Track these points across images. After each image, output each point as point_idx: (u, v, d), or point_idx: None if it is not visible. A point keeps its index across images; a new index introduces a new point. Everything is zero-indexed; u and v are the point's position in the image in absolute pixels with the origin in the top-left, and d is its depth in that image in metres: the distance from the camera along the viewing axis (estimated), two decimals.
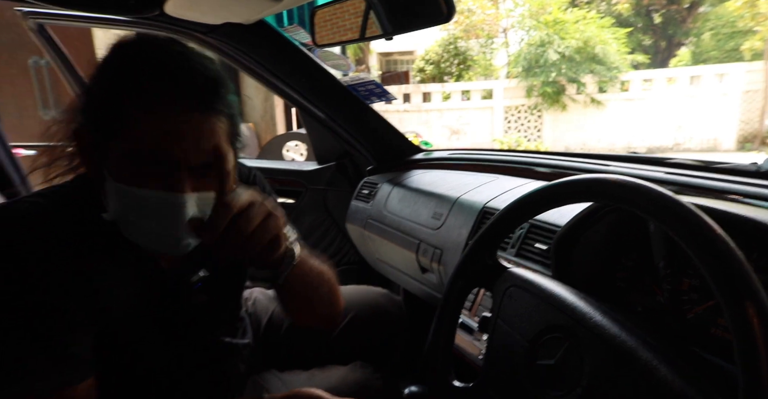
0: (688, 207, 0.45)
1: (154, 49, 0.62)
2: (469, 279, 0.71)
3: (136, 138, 0.59)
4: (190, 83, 0.60)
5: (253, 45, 1.36)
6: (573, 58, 9.98)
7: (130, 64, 0.61)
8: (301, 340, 1.02)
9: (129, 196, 0.61)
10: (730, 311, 0.40)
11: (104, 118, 0.61)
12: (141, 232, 0.64)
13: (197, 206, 0.62)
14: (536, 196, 0.62)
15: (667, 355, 0.48)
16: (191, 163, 0.61)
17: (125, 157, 0.60)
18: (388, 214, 1.39)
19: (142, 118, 0.59)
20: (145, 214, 0.62)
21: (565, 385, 0.54)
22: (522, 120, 10.34)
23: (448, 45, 12.31)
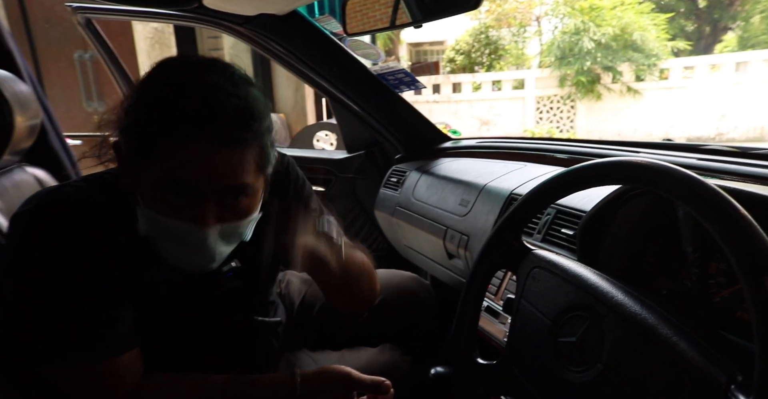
0: (710, 186, 0.46)
1: (189, 79, 0.61)
2: (494, 261, 0.73)
3: (164, 169, 0.61)
4: (220, 119, 0.60)
5: (287, 35, 1.39)
6: (609, 45, 9.65)
7: (164, 97, 0.61)
8: (331, 321, 1.06)
9: (157, 223, 0.64)
10: (748, 285, 0.41)
11: (137, 146, 0.63)
12: (169, 252, 0.68)
13: (221, 236, 0.66)
14: (560, 180, 0.63)
15: (687, 333, 0.49)
16: (217, 195, 0.63)
17: (155, 187, 0.63)
18: (415, 202, 1.42)
19: (171, 151, 0.60)
20: (171, 240, 0.66)
21: (586, 361, 0.55)
22: (554, 110, 10.10)
23: (479, 34, 12.11)
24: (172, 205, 0.63)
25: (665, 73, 9.63)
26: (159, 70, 0.65)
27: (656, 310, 0.52)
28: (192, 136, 0.59)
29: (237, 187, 0.64)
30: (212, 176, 0.61)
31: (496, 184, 1.16)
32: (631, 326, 0.52)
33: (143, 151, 0.62)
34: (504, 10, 11.92)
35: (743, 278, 0.42)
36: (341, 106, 1.66)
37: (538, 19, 12.39)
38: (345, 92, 1.54)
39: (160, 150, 0.60)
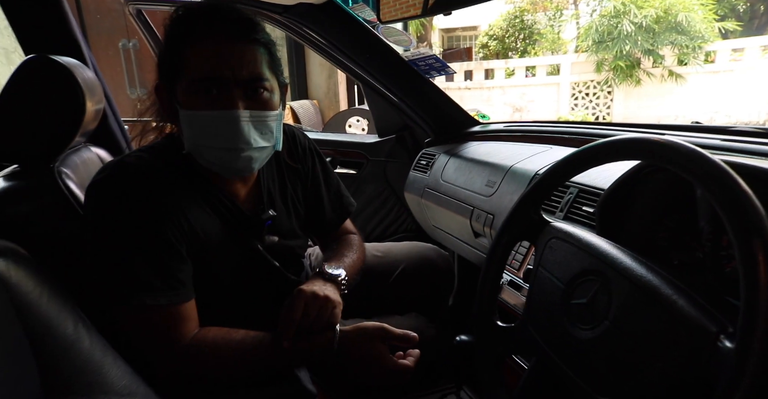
0: (709, 157, 0.50)
1: (204, 5, 0.79)
2: (514, 233, 0.78)
3: (194, 68, 0.75)
4: (231, 20, 0.76)
5: (323, 23, 1.46)
6: (651, 28, 9.26)
7: (185, 17, 0.78)
8: (357, 289, 1.15)
9: (196, 120, 0.77)
10: (739, 246, 0.45)
11: (170, 63, 0.79)
12: (211, 154, 0.80)
13: (252, 123, 0.79)
14: (574, 157, 0.68)
15: (686, 292, 0.54)
16: (240, 86, 0.77)
17: (189, 88, 0.77)
18: (444, 183, 1.47)
19: (197, 52, 0.75)
20: (211, 133, 0.78)
21: (594, 319, 0.61)
22: (590, 96, 9.83)
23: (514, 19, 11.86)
24: (206, 100, 0.76)
25: (711, 56, 9.19)
26: (177, 9, 0.81)
27: (659, 272, 0.57)
28: (208, 33, 0.75)
29: (255, 78, 0.78)
30: (233, 67, 0.75)
31: (522, 165, 1.20)
32: (635, 287, 0.57)
33: (175, 63, 0.78)
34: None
35: (735, 239, 0.46)
36: (373, 92, 1.72)
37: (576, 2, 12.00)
38: (377, 78, 1.60)
39: (187, 54, 0.76)
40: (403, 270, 1.13)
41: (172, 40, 0.79)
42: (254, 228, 0.89)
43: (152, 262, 0.74)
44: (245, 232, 0.88)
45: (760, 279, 0.44)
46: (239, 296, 0.89)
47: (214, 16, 0.77)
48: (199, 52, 0.75)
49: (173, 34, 0.79)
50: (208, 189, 0.84)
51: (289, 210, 0.99)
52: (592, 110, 9.81)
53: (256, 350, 0.77)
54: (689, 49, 9.06)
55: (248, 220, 0.88)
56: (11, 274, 0.53)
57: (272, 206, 0.93)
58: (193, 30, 0.77)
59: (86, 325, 0.62)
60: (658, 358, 0.52)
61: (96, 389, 0.58)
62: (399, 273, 1.13)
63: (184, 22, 0.79)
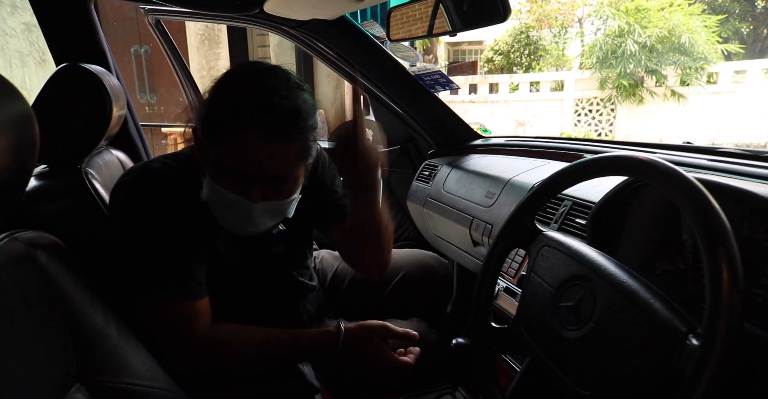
0: (684, 175, 0.56)
1: (252, 81, 0.75)
2: (509, 240, 0.84)
3: (226, 154, 0.75)
4: (272, 117, 0.73)
5: (335, 38, 1.53)
6: (655, 48, 9.40)
7: (229, 95, 0.75)
8: (360, 293, 1.20)
9: (216, 192, 0.80)
10: (706, 254, 0.51)
11: (207, 133, 0.78)
12: (221, 218, 0.83)
13: (266, 212, 0.81)
14: (567, 171, 0.74)
15: (662, 296, 0.59)
16: (265, 181, 0.77)
17: (217, 167, 0.78)
18: (445, 194, 1.53)
19: (229, 141, 0.74)
20: (225, 208, 0.81)
21: (580, 320, 0.66)
22: (593, 113, 9.93)
23: (520, 34, 12.02)
24: (230, 181, 0.78)
25: (714, 77, 9.31)
26: (232, 72, 0.80)
27: (640, 279, 0.63)
28: (247, 129, 0.73)
29: (282, 177, 0.79)
30: (262, 166, 0.76)
31: (520, 178, 1.26)
32: (617, 291, 0.63)
33: (210, 138, 0.77)
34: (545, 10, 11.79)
35: (702, 247, 0.52)
36: (380, 104, 1.79)
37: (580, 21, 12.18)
38: (384, 91, 1.67)
39: (222, 139, 0.75)
40: (403, 276, 1.18)
41: (213, 113, 0.77)
42: (263, 241, 0.93)
43: (170, 261, 0.79)
44: (254, 243, 0.92)
45: (723, 283, 0.49)
46: (250, 295, 0.94)
47: (257, 108, 0.73)
48: (235, 143, 0.74)
49: (214, 107, 0.77)
50: None
51: (297, 217, 0.99)
52: (595, 127, 9.90)
53: (265, 345, 0.82)
54: (692, 70, 9.18)
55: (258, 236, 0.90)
56: (52, 264, 0.59)
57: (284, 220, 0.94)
58: (233, 116, 0.73)
59: (114, 315, 0.67)
60: (635, 355, 0.58)
61: (123, 372, 0.63)
62: (399, 279, 1.18)
63: (228, 100, 0.75)
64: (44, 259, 0.58)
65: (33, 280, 0.54)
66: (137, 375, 0.65)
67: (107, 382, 0.61)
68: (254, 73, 0.77)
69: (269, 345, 0.83)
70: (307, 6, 1.32)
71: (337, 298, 1.22)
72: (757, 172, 0.88)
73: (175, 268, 0.80)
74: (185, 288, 0.80)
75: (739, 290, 0.49)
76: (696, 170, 0.96)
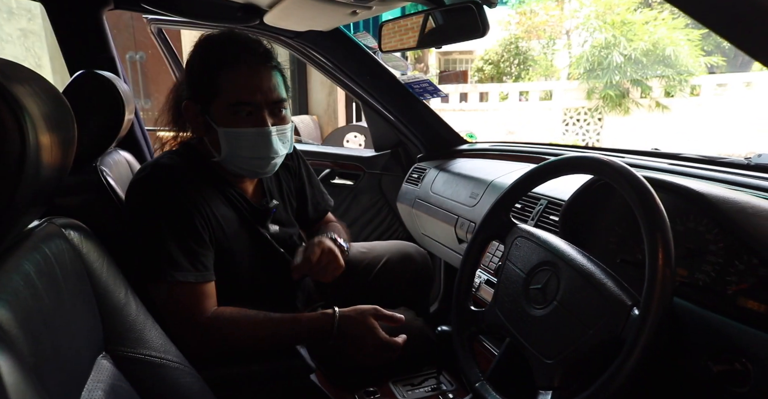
0: (632, 172, 0.66)
1: (230, 36, 0.94)
2: (488, 233, 0.94)
3: (230, 93, 0.91)
4: (256, 51, 0.92)
5: (329, 48, 1.63)
6: (640, 60, 9.66)
7: (215, 47, 0.93)
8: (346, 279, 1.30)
9: (235, 136, 0.93)
10: (646, 238, 0.61)
11: (206, 86, 0.92)
12: (245, 162, 0.96)
13: (277, 136, 0.96)
14: (538, 170, 0.84)
15: (614, 277, 0.69)
16: (269, 107, 0.93)
17: (226, 109, 0.92)
18: (433, 195, 1.63)
19: (231, 79, 0.91)
20: (247, 146, 0.94)
21: (546, 300, 0.76)
22: (581, 122, 10.15)
23: (509, 45, 12.26)
24: (242, 119, 0.93)
25: (697, 89, 9.58)
26: (206, 38, 0.96)
27: (597, 263, 0.72)
28: (240, 64, 0.90)
29: (279, 100, 0.95)
30: (263, 92, 0.92)
31: (501, 180, 1.36)
32: (577, 273, 0.72)
33: (211, 90, 0.92)
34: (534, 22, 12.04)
35: (644, 232, 0.62)
36: (372, 110, 1.89)
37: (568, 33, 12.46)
38: (376, 98, 1.77)
39: (222, 83, 0.91)
40: (385, 263, 1.30)
41: (205, 68, 0.93)
42: (262, 216, 1.05)
43: (183, 246, 0.88)
44: (255, 219, 1.04)
45: (659, 263, 0.59)
46: (251, 280, 1.02)
47: (241, 46, 0.92)
48: (233, 79, 0.91)
49: (205, 62, 0.93)
50: (225, 186, 1.01)
51: (285, 202, 1.16)
52: (582, 136, 10.11)
53: (267, 325, 0.91)
54: (676, 82, 9.44)
55: (257, 210, 1.04)
56: (83, 244, 0.67)
57: (273, 199, 1.11)
58: (224, 59, 0.91)
59: (133, 294, 0.75)
60: (590, 327, 0.67)
61: (140, 345, 0.71)
62: (381, 265, 1.29)
63: (215, 51, 0.93)
64: (76, 240, 0.66)
65: (68, 256, 0.62)
66: (153, 348, 0.73)
67: (128, 352, 0.69)
68: (224, 33, 0.96)
69: (270, 325, 0.91)
70: (304, 18, 1.41)
71: (326, 286, 1.31)
72: (712, 175, 0.99)
73: (187, 252, 0.88)
74: (196, 270, 0.89)
75: (671, 267, 0.59)
76: (659, 173, 1.07)
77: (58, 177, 0.59)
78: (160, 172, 0.93)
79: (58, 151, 0.54)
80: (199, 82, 0.94)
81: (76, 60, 1.26)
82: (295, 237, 1.18)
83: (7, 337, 0.42)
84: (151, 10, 1.38)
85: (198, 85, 0.95)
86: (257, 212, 1.04)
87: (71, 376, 0.56)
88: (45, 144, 0.48)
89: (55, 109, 0.55)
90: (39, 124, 0.46)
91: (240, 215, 1.01)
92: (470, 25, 1.03)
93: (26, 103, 0.45)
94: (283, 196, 1.16)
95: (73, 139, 0.60)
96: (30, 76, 0.53)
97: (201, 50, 0.95)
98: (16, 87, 0.46)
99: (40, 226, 0.62)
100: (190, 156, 1.00)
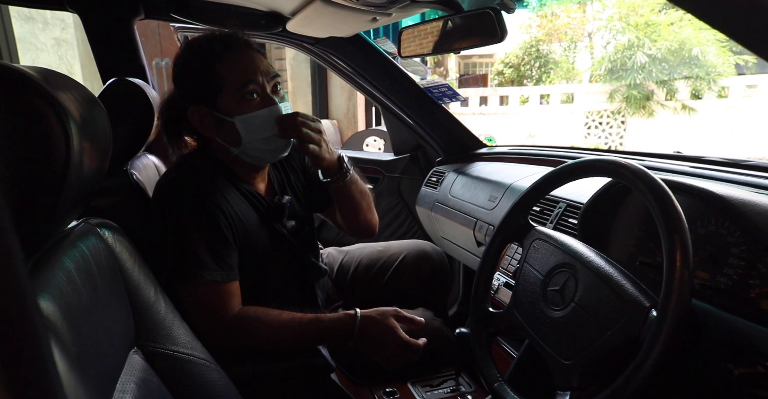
0: (649, 174, 0.66)
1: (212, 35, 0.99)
2: (505, 235, 0.94)
3: (233, 78, 0.95)
4: (240, 39, 0.98)
5: (350, 53, 1.66)
6: (666, 59, 9.46)
7: (205, 46, 0.97)
8: (365, 277, 1.32)
9: (250, 120, 0.97)
10: (664, 239, 0.61)
11: (207, 84, 0.96)
12: (262, 144, 0.99)
13: (283, 110, 0.99)
14: (555, 173, 0.84)
15: (632, 278, 0.69)
16: (270, 84, 0.98)
17: (235, 96, 0.95)
18: (452, 198, 1.64)
19: (229, 65, 0.95)
20: (264, 127, 0.98)
21: (564, 302, 0.76)
22: (603, 125, 9.99)
23: (530, 48, 12.17)
24: (252, 103, 0.96)
25: (725, 91, 9.33)
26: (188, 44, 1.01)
27: (614, 264, 0.72)
28: (231, 49, 0.96)
29: (275, 76, 1.00)
30: (261, 70, 0.97)
31: (520, 183, 1.37)
32: (595, 275, 0.72)
33: (214, 83, 0.95)
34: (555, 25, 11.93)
35: (662, 234, 0.62)
36: (391, 115, 1.91)
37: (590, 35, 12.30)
38: (395, 102, 1.79)
39: (220, 71, 0.95)
40: (401, 261, 1.32)
41: (201, 67, 0.96)
42: (279, 212, 1.08)
43: (209, 247, 0.91)
44: (272, 216, 1.07)
45: (676, 264, 0.59)
46: (273, 277, 1.05)
47: (226, 39, 0.97)
48: (232, 65, 0.95)
49: (200, 62, 0.97)
50: (242, 186, 1.04)
51: (296, 195, 1.19)
52: (605, 139, 9.94)
53: (290, 324, 0.93)
54: (705, 82, 9.20)
55: (273, 207, 1.07)
56: (116, 244, 0.71)
57: (284, 194, 1.14)
58: (217, 52, 0.96)
59: (161, 292, 0.78)
60: (608, 328, 0.67)
61: (169, 341, 0.74)
62: (398, 263, 1.31)
63: (204, 50, 0.97)
64: (110, 240, 0.70)
65: (103, 253, 0.66)
66: (181, 344, 0.76)
67: (158, 348, 0.72)
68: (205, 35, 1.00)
69: (293, 324, 0.93)
70: (325, 25, 1.45)
71: (344, 286, 1.34)
72: (737, 179, 0.97)
73: (213, 253, 0.91)
74: (222, 270, 0.92)
75: (689, 269, 0.59)
76: (680, 176, 1.06)
77: (97, 180, 0.62)
78: (184, 175, 0.96)
79: (97, 156, 0.58)
80: (198, 83, 0.98)
81: (109, 67, 1.32)
82: (310, 234, 1.20)
83: (54, 328, 0.46)
84: (179, 19, 1.43)
85: (198, 86, 0.98)
86: (273, 209, 1.07)
87: (107, 369, 0.59)
88: (87, 149, 0.51)
89: (93, 116, 0.59)
90: (82, 130, 0.50)
91: (258, 213, 1.04)
92: (489, 31, 1.04)
93: (70, 110, 0.48)
94: (293, 188, 1.18)
95: (109, 144, 0.64)
96: (70, 84, 0.56)
97: (189, 55, 0.99)
98: (60, 94, 0.49)
99: (78, 226, 0.66)
100: (202, 161, 1.04)
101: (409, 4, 1.05)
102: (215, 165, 1.03)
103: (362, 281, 1.35)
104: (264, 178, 1.11)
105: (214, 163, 1.03)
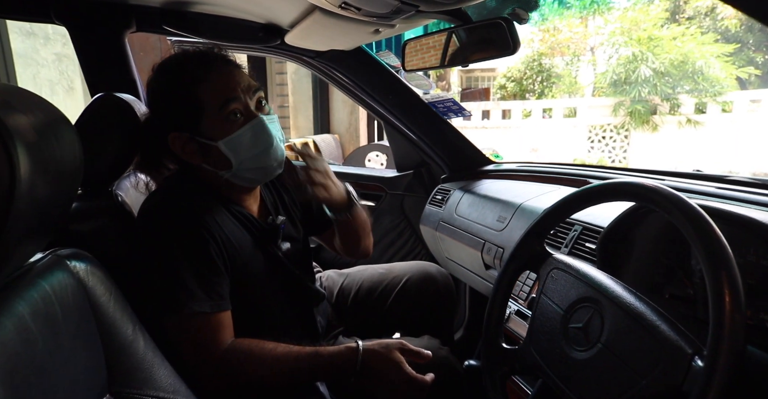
0: (687, 201, 0.58)
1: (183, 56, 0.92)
2: (520, 263, 0.86)
3: (214, 98, 0.88)
4: (216, 56, 0.92)
5: (351, 67, 1.60)
6: (670, 72, 9.45)
7: (180, 69, 0.90)
8: (366, 301, 1.24)
9: (237, 140, 0.90)
10: (709, 278, 0.53)
11: (187, 109, 0.89)
12: (252, 162, 0.92)
13: (270, 123, 0.93)
14: (575, 196, 0.77)
15: (668, 319, 0.61)
16: (251, 97, 0.92)
17: (217, 118, 0.88)
18: (458, 217, 1.56)
19: (209, 86, 0.88)
20: (251, 144, 0.91)
21: (589, 342, 0.68)
22: (607, 140, 9.94)
23: (532, 62, 12.21)
24: (236, 123, 0.90)
25: (729, 105, 9.29)
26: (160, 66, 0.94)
27: (646, 301, 0.64)
28: (209, 70, 0.89)
29: (257, 89, 0.94)
30: (241, 85, 0.91)
31: (531, 203, 1.29)
32: (625, 313, 0.64)
33: (194, 106, 0.89)
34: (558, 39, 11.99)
35: (706, 272, 0.54)
36: (394, 130, 1.84)
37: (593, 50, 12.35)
38: (399, 117, 1.73)
39: (200, 92, 0.88)
40: (405, 283, 1.25)
41: (179, 91, 0.90)
42: (272, 234, 1.01)
43: (197, 275, 0.83)
44: (266, 238, 0.99)
45: (725, 306, 0.51)
46: (268, 304, 0.97)
47: (201, 58, 0.91)
48: (211, 86, 0.89)
49: (176, 86, 0.90)
50: (233, 208, 0.96)
51: (291, 217, 1.12)
52: (609, 154, 9.88)
53: (286, 358, 0.85)
54: (710, 95, 9.17)
55: (266, 229, 1.00)
56: (89, 278, 0.63)
57: (278, 215, 1.07)
58: (193, 74, 0.89)
59: (141, 329, 0.71)
60: (643, 376, 0.59)
61: (148, 385, 0.66)
62: (401, 286, 1.23)
63: (180, 73, 0.90)
64: (82, 274, 0.63)
65: (71, 292, 0.58)
66: (162, 388, 0.68)
67: (134, 393, 0.64)
68: (177, 56, 0.94)
69: (289, 358, 0.85)
70: (326, 38, 1.39)
71: (345, 311, 1.25)
72: (765, 201, 0.90)
73: (201, 282, 0.84)
74: (212, 300, 0.84)
75: (741, 312, 0.51)
76: (705, 198, 0.98)
77: (62, 207, 0.55)
78: (171, 197, 0.89)
79: (58, 181, 0.51)
80: (176, 108, 0.91)
81: (99, 82, 1.26)
82: (307, 257, 1.14)
83: None
84: (173, 32, 1.38)
85: (176, 111, 0.91)
86: (266, 231, 1.00)
87: None
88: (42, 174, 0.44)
89: (58, 137, 0.52)
90: (35, 155, 0.43)
91: (252, 235, 0.97)
92: (500, 43, 0.98)
93: (20, 132, 0.41)
94: (287, 209, 1.12)
95: (78, 165, 0.57)
96: (33, 104, 0.50)
97: (163, 78, 0.93)
98: (13, 117, 0.42)
99: (43, 259, 0.59)
100: (189, 183, 0.96)
101: (414, 15, 0.99)
102: (204, 186, 0.96)
103: (364, 306, 1.27)
104: (256, 198, 1.04)
105: (202, 184, 0.96)
